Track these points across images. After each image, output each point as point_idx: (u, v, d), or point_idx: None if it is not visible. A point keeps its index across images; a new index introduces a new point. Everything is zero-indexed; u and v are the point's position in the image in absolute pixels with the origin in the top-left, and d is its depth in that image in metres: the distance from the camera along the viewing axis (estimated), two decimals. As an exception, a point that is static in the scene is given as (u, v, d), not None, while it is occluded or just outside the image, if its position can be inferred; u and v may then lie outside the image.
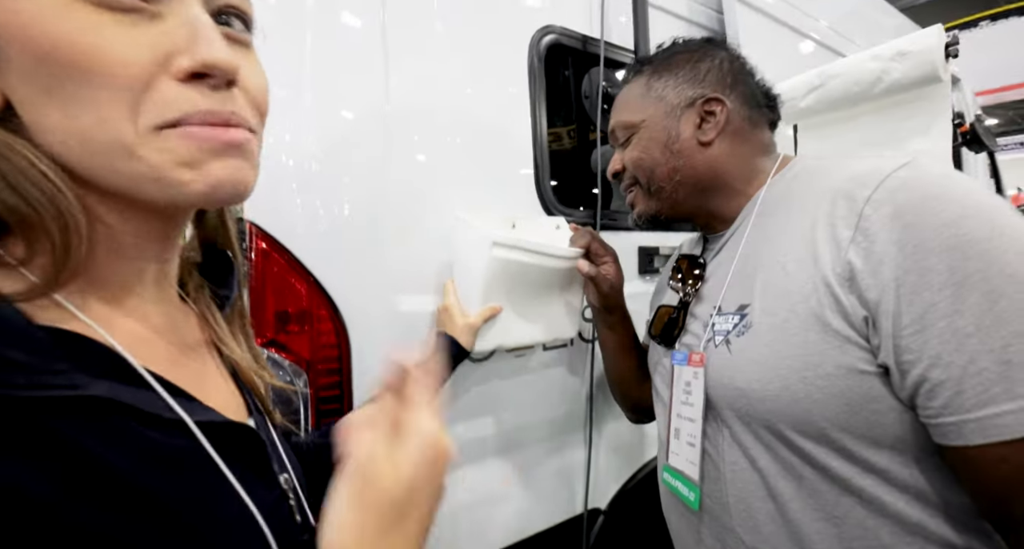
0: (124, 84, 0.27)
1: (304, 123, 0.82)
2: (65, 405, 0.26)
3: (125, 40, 0.27)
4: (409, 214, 0.91)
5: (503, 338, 0.91)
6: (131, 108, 0.27)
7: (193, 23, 0.29)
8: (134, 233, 0.33)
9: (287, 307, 0.82)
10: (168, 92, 0.28)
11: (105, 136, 0.27)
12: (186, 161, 0.29)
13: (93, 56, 0.26)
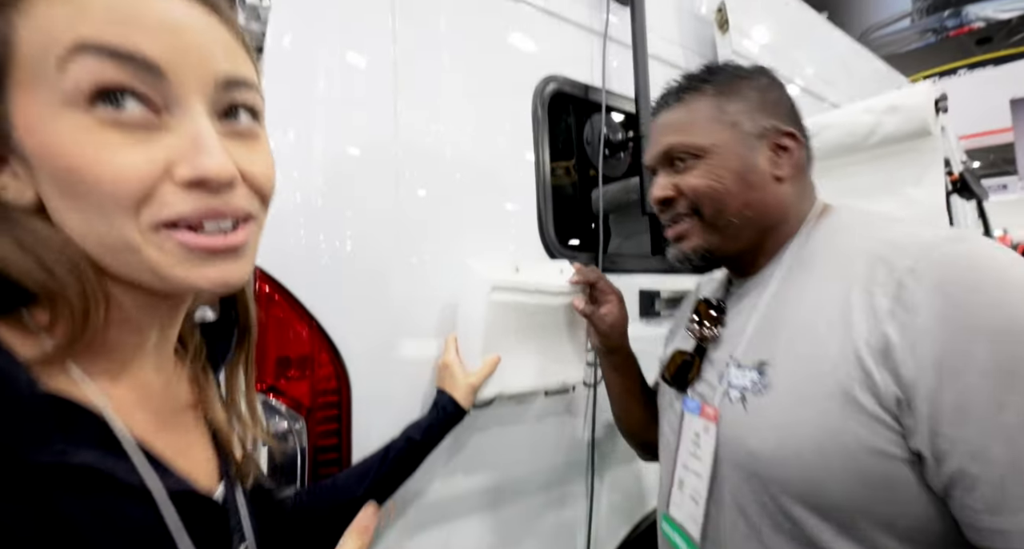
0: (126, 194, 0.30)
1: (312, 162, 0.83)
2: (52, 471, 0.29)
3: (131, 156, 0.30)
4: (414, 256, 0.91)
5: (505, 385, 0.90)
6: (134, 212, 0.31)
7: (195, 135, 0.32)
8: (141, 309, 0.37)
9: (288, 352, 0.80)
10: (168, 196, 0.31)
11: (113, 237, 0.31)
12: (181, 262, 0.33)
13: (100, 173, 0.29)
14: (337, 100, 0.86)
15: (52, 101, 0.29)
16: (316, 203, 0.83)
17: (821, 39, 1.93)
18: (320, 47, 0.86)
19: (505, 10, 1.09)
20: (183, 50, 0.31)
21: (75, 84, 0.28)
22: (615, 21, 1.24)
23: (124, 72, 0.29)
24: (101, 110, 0.29)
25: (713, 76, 0.69)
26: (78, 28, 0.28)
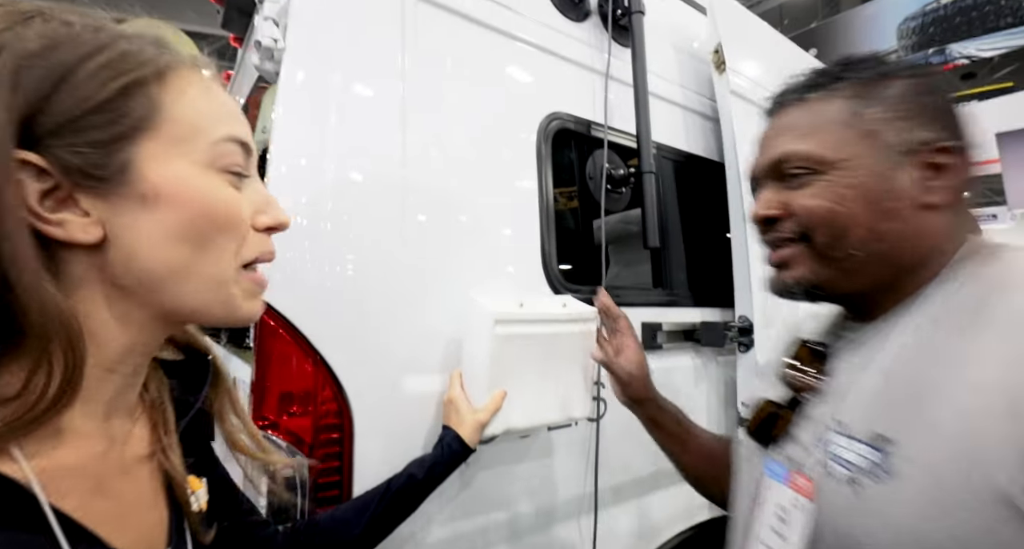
0: (240, 234, 0.40)
1: (323, 191, 0.84)
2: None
3: (241, 202, 0.40)
4: (418, 289, 0.92)
5: (511, 421, 0.89)
6: (236, 251, 0.39)
7: (264, 191, 0.42)
8: (124, 351, 0.38)
9: (291, 388, 0.80)
10: (254, 240, 0.41)
11: (215, 271, 0.38)
12: (247, 296, 0.41)
13: (233, 219, 0.39)
14: (347, 133, 0.88)
15: (198, 163, 0.38)
16: (325, 228, 0.84)
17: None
18: (332, 82, 0.88)
19: (510, 50, 1.12)
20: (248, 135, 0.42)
21: (221, 158, 0.39)
22: (616, 61, 1.29)
23: (244, 154, 0.41)
24: (229, 176, 0.39)
25: (850, 71, 0.55)
26: (229, 125, 0.40)
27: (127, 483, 0.39)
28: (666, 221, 1.40)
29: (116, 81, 0.34)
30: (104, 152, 0.34)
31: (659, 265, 1.39)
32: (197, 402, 0.46)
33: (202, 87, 0.39)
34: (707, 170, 1.53)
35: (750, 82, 1.55)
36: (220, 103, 0.40)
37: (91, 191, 0.34)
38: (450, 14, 1.02)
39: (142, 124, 0.35)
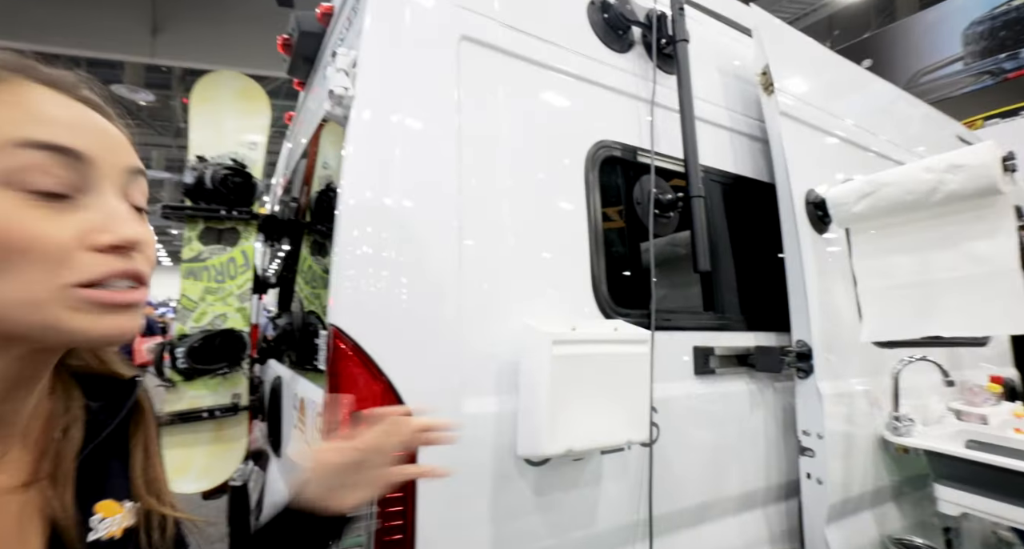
0: (45, 259, 0.35)
1: (383, 244, 0.91)
2: None
3: (51, 227, 0.35)
4: (474, 315, 0.96)
5: (573, 441, 0.91)
6: (53, 273, 0.35)
7: (110, 207, 0.38)
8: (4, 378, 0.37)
9: (360, 407, 0.85)
10: (86, 259, 0.36)
11: (25, 294, 0.34)
12: (87, 315, 0.36)
13: (25, 242, 0.34)
14: (408, 166, 0.94)
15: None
16: (389, 255, 0.90)
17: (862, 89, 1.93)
18: (394, 119, 0.96)
19: (556, 82, 1.17)
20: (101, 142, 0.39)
21: (16, 173, 0.34)
22: (661, 88, 1.31)
23: (63, 162, 0.36)
24: (29, 194, 0.35)
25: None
26: (33, 129, 0.35)
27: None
28: (716, 244, 1.39)
29: None
30: None
31: (710, 288, 1.38)
32: (108, 427, 0.44)
33: (10, 99, 0.36)
34: (757, 192, 1.51)
35: (800, 102, 1.53)
36: (27, 111, 0.36)
37: None
38: (498, 53, 1.09)
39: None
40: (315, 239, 1.76)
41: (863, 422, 1.40)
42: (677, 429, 1.18)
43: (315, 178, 1.77)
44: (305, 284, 1.72)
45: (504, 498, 0.95)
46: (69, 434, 0.42)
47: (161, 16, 6.38)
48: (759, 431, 1.35)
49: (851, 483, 1.34)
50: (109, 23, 6.22)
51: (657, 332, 1.17)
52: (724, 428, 1.28)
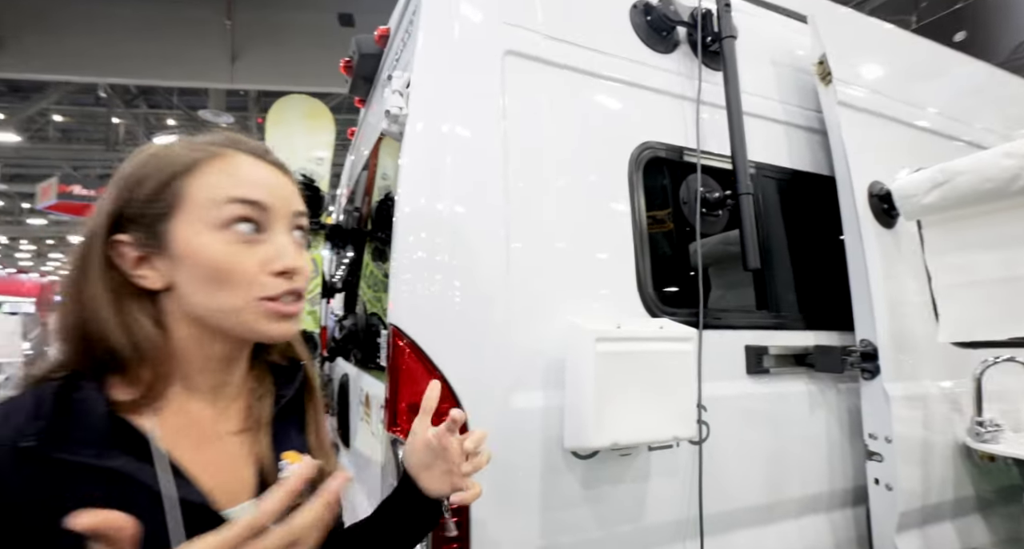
0: (243, 280, 0.51)
1: (437, 249, 0.98)
2: (93, 468, 0.44)
3: (246, 257, 0.51)
4: (525, 317, 1.01)
5: (617, 435, 0.94)
6: (247, 290, 0.51)
7: (281, 243, 0.53)
8: (209, 358, 0.53)
9: (417, 400, 0.93)
10: (267, 281, 0.51)
11: (229, 304, 0.51)
12: (267, 320, 0.52)
13: (232, 268, 0.50)
14: (458, 170, 1.01)
15: (208, 226, 0.50)
16: (442, 260, 0.97)
17: (947, 71, 1.79)
18: (444, 128, 1.03)
19: (602, 88, 1.20)
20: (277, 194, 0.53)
21: (226, 219, 0.50)
22: (707, 86, 1.30)
23: (254, 209, 0.51)
24: (235, 233, 0.51)
25: None
26: (237, 190, 0.51)
27: (220, 445, 0.54)
28: (770, 241, 1.36)
29: (158, 179, 0.51)
30: (155, 229, 0.51)
31: (763, 286, 1.35)
32: (289, 393, 0.60)
33: (223, 167, 0.52)
34: (817, 186, 1.45)
35: (863, 90, 1.46)
36: (233, 175, 0.52)
37: (156, 254, 0.51)
38: (542, 64, 1.14)
39: (171, 206, 0.51)
40: (376, 246, 1.89)
41: (940, 427, 1.31)
42: (729, 428, 1.17)
43: (375, 188, 1.90)
44: (368, 288, 1.85)
45: (553, 490, 0.99)
46: (263, 401, 0.58)
47: (238, 44, 6.98)
48: (820, 433, 1.31)
49: (927, 491, 1.26)
50: (195, 54, 6.88)
51: (706, 331, 1.17)
52: (781, 429, 1.25)
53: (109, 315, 0.49)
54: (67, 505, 0.40)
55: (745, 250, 1.17)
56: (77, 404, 0.46)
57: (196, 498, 0.48)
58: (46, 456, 0.43)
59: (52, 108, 10.48)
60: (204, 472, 0.50)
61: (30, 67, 6.93)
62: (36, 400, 0.45)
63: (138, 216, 0.50)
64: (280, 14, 6.92)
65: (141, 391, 0.49)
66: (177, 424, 0.51)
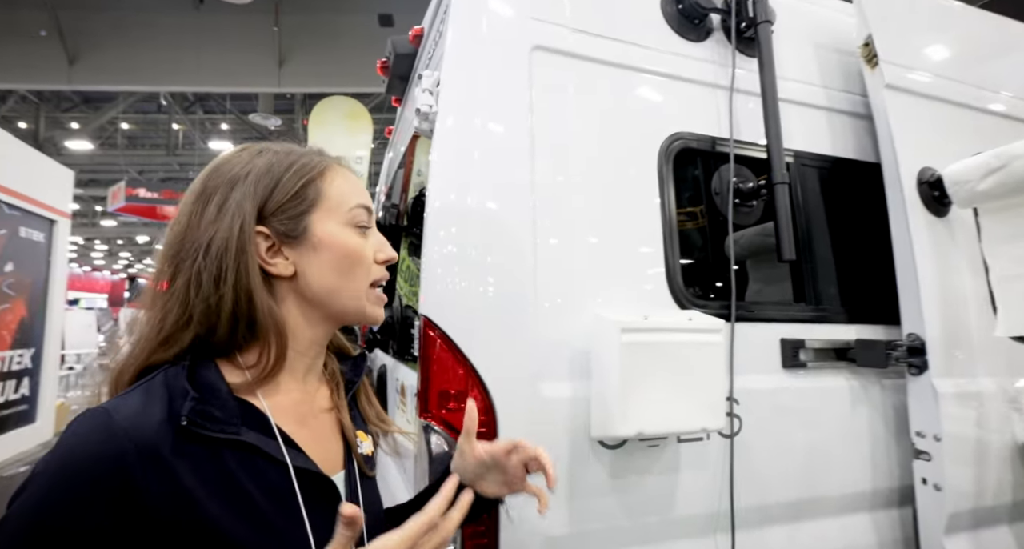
0: (366, 266, 0.60)
1: (467, 243, 1.01)
2: (232, 443, 0.50)
3: (367, 249, 0.60)
4: (552, 309, 1.03)
5: (643, 425, 0.94)
6: (367, 276, 0.60)
7: (380, 238, 0.63)
8: (311, 342, 0.60)
9: (448, 387, 0.97)
10: (375, 269, 0.62)
11: (354, 288, 0.59)
12: (375, 304, 0.62)
13: (363, 256, 0.60)
14: (486, 165, 1.04)
15: (341, 222, 0.59)
16: (471, 255, 1.01)
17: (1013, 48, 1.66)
18: (473, 124, 1.06)
19: (630, 80, 1.20)
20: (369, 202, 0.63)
21: (354, 218, 0.60)
22: (741, 73, 1.27)
23: (367, 214, 0.62)
24: (357, 229, 0.61)
25: None
26: (358, 197, 0.61)
27: (316, 422, 0.60)
28: (810, 232, 1.31)
29: (300, 180, 0.58)
30: (295, 222, 0.57)
31: (800, 278, 1.31)
32: (359, 378, 0.68)
33: (343, 176, 0.62)
34: (862, 174, 1.39)
35: (913, 71, 1.38)
36: (352, 185, 0.62)
37: (289, 244, 0.57)
38: (569, 57, 1.14)
39: (313, 203, 0.58)
40: (412, 241, 1.95)
41: (996, 425, 1.24)
42: (763, 422, 1.15)
43: (411, 185, 1.96)
44: (404, 282, 1.91)
45: (580, 478, 1.01)
46: (339, 384, 0.66)
47: (285, 49, 7.28)
48: (863, 430, 1.26)
49: (980, 492, 1.20)
50: (245, 60, 7.22)
51: (739, 323, 1.15)
52: (820, 424, 1.22)
53: (245, 300, 0.53)
54: (216, 479, 0.47)
55: (780, 241, 1.15)
56: (208, 386, 0.51)
57: (311, 467, 0.54)
58: (199, 434, 0.47)
59: (120, 117, 11.28)
60: (308, 444, 0.55)
61: (101, 80, 7.49)
62: (170, 382, 0.50)
63: (279, 211, 0.57)
64: (323, 17, 7.15)
65: (256, 372, 0.54)
66: (279, 402, 0.56)
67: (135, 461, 0.44)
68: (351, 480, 0.60)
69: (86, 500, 0.43)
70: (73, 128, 11.38)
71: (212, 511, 0.46)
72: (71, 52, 7.19)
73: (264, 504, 0.49)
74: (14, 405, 4.29)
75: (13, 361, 4.27)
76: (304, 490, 0.52)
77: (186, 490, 0.46)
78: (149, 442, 0.46)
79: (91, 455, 0.44)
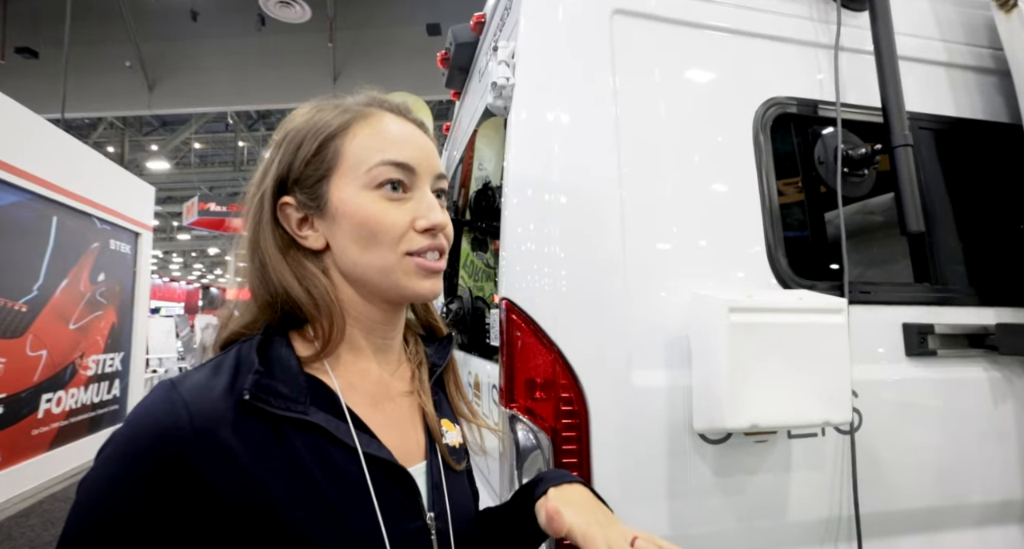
0: (393, 236, 0.51)
1: (548, 217, 0.95)
2: (297, 422, 0.45)
3: (396, 214, 0.51)
4: (643, 291, 0.95)
5: (758, 416, 0.84)
6: (395, 246, 0.51)
7: (427, 201, 0.52)
8: (371, 319, 0.54)
9: (535, 376, 0.91)
10: (413, 237, 0.51)
11: (380, 261, 0.51)
12: (414, 276, 0.51)
13: (382, 224, 0.50)
14: (569, 163, 0.97)
15: (359, 185, 0.51)
16: (554, 251, 0.94)
17: None
18: (553, 119, 0.98)
19: (719, 42, 1.10)
20: (422, 156, 0.53)
21: (375, 179, 0.51)
22: (848, 30, 1.14)
23: (400, 171, 0.51)
24: (384, 191, 0.51)
25: None
26: (385, 152, 0.51)
27: (392, 406, 0.55)
28: (932, 203, 1.16)
29: (317, 141, 0.51)
30: (315, 190, 0.51)
31: (923, 255, 1.15)
32: (443, 362, 0.62)
33: (372, 128, 0.52)
34: (993, 135, 1.22)
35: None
36: (382, 137, 0.52)
37: (316, 215, 0.52)
38: (652, 20, 1.06)
39: (331, 166, 0.51)
40: (475, 236, 1.91)
41: None
42: (886, 417, 1.01)
43: (472, 180, 1.93)
44: (468, 277, 1.88)
45: (681, 476, 0.91)
46: (422, 366, 0.60)
47: (339, 64, 7.57)
48: (1010, 429, 1.08)
49: None
50: (303, 77, 7.58)
51: (852, 306, 1.02)
52: (955, 421, 1.06)
53: (285, 270, 0.51)
54: (278, 458, 0.43)
55: (903, 211, 1.01)
56: (277, 360, 0.48)
57: (385, 455, 0.48)
58: (261, 410, 0.44)
59: (192, 137, 12.15)
60: (382, 430, 0.50)
61: (177, 103, 8.09)
62: (242, 355, 0.47)
63: (300, 178, 0.52)
64: (374, 31, 7.40)
65: (319, 345, 0.50)
66: (351, 381, 0.52)
67: (190, 433, 0.41)
68: (433, 473, 0.54)
69: (145, 476, 0.40)
70: (152, 150, 12.36)
71: (272, 492, 0.42)
72: (151, 80, 7.81)
73: (330, 491, 0.45)
74: (107, 405, 4.64)
75: (106, 364, 4.62)
76: (376, 479, 0.47)
77: (244, 467, 0.42)
78: (208, 414, 0.42)
79: (150, 427, 0.41)
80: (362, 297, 0.53)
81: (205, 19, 7.48)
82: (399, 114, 0.55)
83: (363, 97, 0.56)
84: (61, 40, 5.91)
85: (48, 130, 3.87)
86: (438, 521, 0.51)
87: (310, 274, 0.51)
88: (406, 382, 0.58)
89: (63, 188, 3.91)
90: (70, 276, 4.06)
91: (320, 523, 0.43)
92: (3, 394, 3.39)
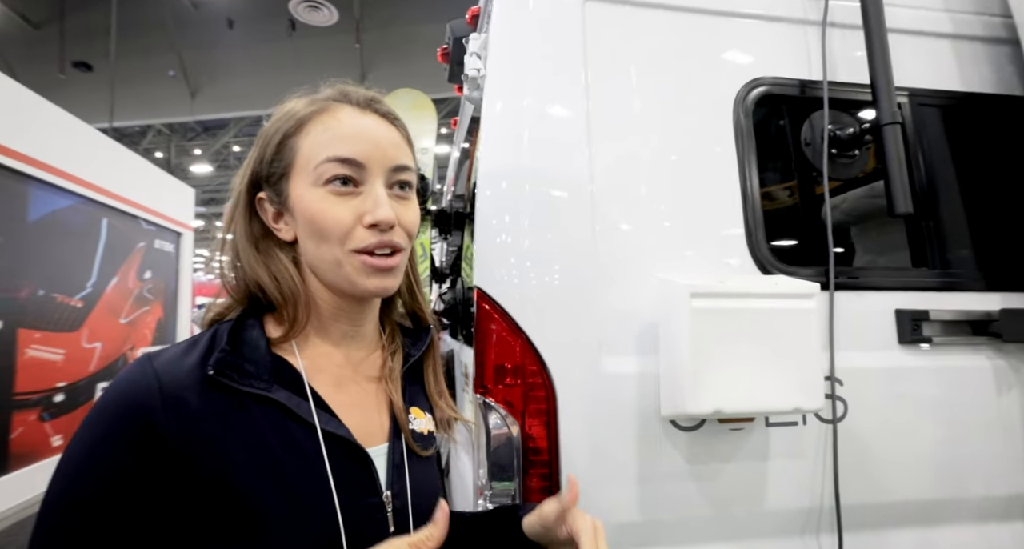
0: (339, 233, 0.52)
1: (519, 206, 0.96)
2: (260, 398, 0.49)
3: (341, 211, 0.52)
4: (617, 279, 0.95)
5: (721, 401, 0.83)
6: (342, 243, 0.52)
7: (374, 197, 0.52)
8: (336, 308, 0.56)
9: (504, 361, 0.92)
10: (360, 233, 0.52)
11: (330, 256, 0.52)
12: (361, 274, 0.53)
13: (327, 221, 0.51)
14: (540, 153, 0.97)
15: (309, 182, 0.52)
16: (522, 244, 0.94)
17: None
18: (524, 109, 0.99)
19: (696, 23, 1.07)
20: (373, 150, 0.53)
21: (321, 176, 0.52)
22: (835, 4, 1.09)
23: (347, 167, 0.52)
24: (332, 187, 0.52)
25: None
26: (331, 148, 0.52)
27: (357, 389, 0.57)
28: (934, 183, 1.10)
29: (277, 140, 0.54)
30: (279, 187, 0.54)
31: (920, 238, 1.10)
32: (417, 353, 0.63)
33: (324, 125, 0.53)
34: (1002, 109, 1.14)
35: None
36: (333, 133, 0.53)
37: (284, 210, 0.54)
38: (625, 5, 1.05)
39: (289, 164, 0.53)
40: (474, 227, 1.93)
41: None
42: (875, 407, 0.98)
43: (474, 172, 1.95)
44: (469, 268, 1.91)
45: (652, 462, 0.92)
46: (396, 355, 0.62)
47: (367, 64, 7.73)
48: (1015, 421, 1.03)
49: None
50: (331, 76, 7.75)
51: (840, 292, 0.99)
52: (953, 411, 1.01)
53: (255, 260, 0.54)
54: (239, 430, 0.47)
55: (891, 192, 0.96)
56: (247, 340, 0.51)
57: (343, 433, 0.51)
58: (226, 385, 0.47)
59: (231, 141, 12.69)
60: (343, 409, 0.53)
61: (217, 109, 8.48)
62: (218, 335, 0.51)
63: (267, 176, 0.55)
64: (399, 31, 7.51)
65: (286, 327, 0.53)
66: (317, 364, 0.55)
67: (158, 401, 0.45)
68: (395, 455, 0.56)
69: (115, 436, 0.44)
70: (196, 154, 12.99)
71: (232, 460, 0.46)
72: (192, 87, 8.21)
73: (288, 463, 0.48)
74: (155, 393, 4.96)
75: (153, 355, 4.93)
76: (332, 455, 0.50)
77: (207, 435, 0.46)
78: (176, 385, 0.46)
79: (123, 393, 0.46)
80: (326, 287, 0.55)
81: (240, 26, 7.78)
82: (361, 107, 0.55)
83: (331, 91, 0.57)
84: (110, 53, 6.30)
85: (97, 138, 4.16)
86: (396, 500, 0.54)
87: (279, 263, 0.54)
88: (376, 368, 0.60)
89: (111, 192, 4.20)
90: (119, 274, 4.35)
91: (275, 492, 0.47)
92: (63, 383, 3.69)
